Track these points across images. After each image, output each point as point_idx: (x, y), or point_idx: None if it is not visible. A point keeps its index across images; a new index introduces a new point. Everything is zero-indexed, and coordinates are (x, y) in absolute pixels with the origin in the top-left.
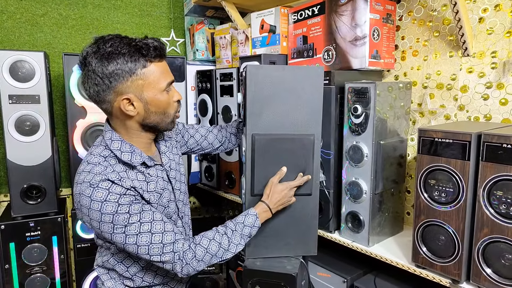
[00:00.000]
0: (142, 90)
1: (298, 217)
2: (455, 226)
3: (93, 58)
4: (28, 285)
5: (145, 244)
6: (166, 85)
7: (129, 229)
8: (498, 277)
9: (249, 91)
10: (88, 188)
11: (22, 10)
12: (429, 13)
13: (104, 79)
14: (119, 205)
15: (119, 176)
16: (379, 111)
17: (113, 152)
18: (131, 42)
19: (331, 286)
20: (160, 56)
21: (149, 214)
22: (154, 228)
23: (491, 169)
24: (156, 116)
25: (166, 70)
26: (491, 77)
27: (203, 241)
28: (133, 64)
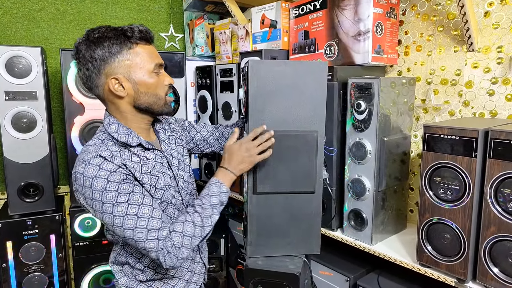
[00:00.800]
0: (130, 71)
1: (300, 216)
2: (461, 224)
3: (83, 45)
4: (26, 284)
5: (130, 228)
6: (154, 66)
7: (116, 209)
8: (506, 277)
9: (251, 86)
10: (81, 165)
11: (18, 5)
12: (433, 8)
13: (93, 63)
14: (108, 182)
15: (111, 153)
16: (383, 107)
17: (111, 134)
18: (117, 28)
19: (333, 284)
20: (145, 39)
21: (139, 196)
22: (141, 212)
23: (498, 166)
24: (146, 97)
25: (154, 53)
26: (497, 73)
27: (176, 226)
28: (119, 46)
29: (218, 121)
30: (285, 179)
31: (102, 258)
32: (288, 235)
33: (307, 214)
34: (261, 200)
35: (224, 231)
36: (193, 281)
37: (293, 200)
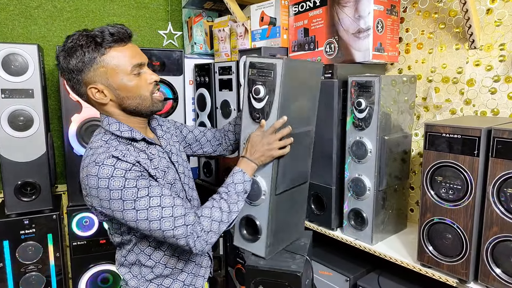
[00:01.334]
0: (107, 77)
1: (297, 205)
2: (463, 224)
3: (61, 56)
4: (23, 284)
5: (156, 219)
6: (132, 68)
7: (139, 204)
8: (508, 277)
9: (283, 86)
10: (94, 167)
11: (15, 2)
12: (435, 5)
13: (71, 74)
14: (126, 179)
15: (122, 153)
16: (383, 106)
17: (113, 133)
18: (89, 33)
19: (333, 284)
20: (120, 40)
21: (158, 189)
22: (164, 202)
23: (501, 166)
24: (130, 100)
25: (132, 53)
26: (499, 71)
27: (204, 211)
28: (91, 54)
29: (216, 119)
30: (294, 175)
31: (99, 257)
32: (289, 226)
33: (300, 202)
34: (279, 200)
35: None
36: (200, 275)
37: (294, 192)
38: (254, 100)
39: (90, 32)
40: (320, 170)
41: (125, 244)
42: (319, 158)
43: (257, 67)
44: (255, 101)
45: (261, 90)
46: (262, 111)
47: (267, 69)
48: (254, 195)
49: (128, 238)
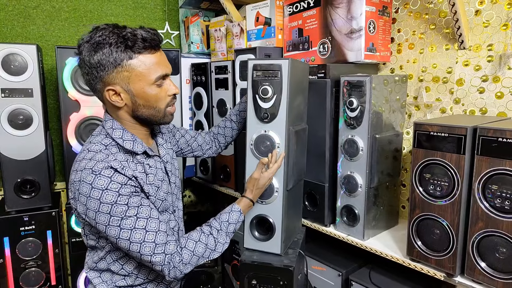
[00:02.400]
0: (129, 82)
1: (298, 200)
2: (450, 220)
3: (84, 46)
4: (23, 280)
5: (137, 241)
6: (156, 78)
7: (125, 222)
8: (493, 271)
9: (290, 85)
10: (90, 175)
11: (14, 2)
12: (426, 6)
13: (91, 69)
14: (120, 195)
15: (121, 164)
16: (375, 105)
17: (115, 140)
18: (121, 32)
19: (326, 279)
20: (151, 47)
21: (147, 210)
22: (149, 226)
23: (486, 163)
24: (145, 109)
25: (159, 62)
26: (487, 70)
27: (188, 243)
28: (118, 55)
29: (213, 118)
30: (298, 170)
31: None
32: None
33: (299, 198)
34: (289, 195)
35: None
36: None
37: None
38: (261, 100)
39: (122, 32)
40: (314, 168)
41: (98, 249)
42: (313, 156)
43: (262, 69)
44: (262, 101)
45: (269, 90)
46: (270, 110)
47: (273, 70)
48: (266, 194)
49: (103, 245)
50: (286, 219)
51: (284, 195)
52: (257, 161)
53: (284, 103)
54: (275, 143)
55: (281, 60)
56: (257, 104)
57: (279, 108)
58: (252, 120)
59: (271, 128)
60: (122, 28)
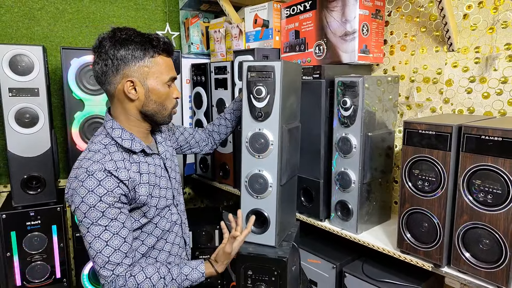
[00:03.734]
0: (146, 77)
1: (292, 195)
2: (437, 213)
3: (107, 41)
4: (29, 273)
5: (95, 249)
6: (169, 78)
7: (93, 228)
8: (476, 261)
9: (282, 85)
10: (84, 174)
11: (19, 4)
12: (417, 9)
13: (114, 61)
14: (100, 201)
15: (116, 165)
16: (368, 104)
17: (114, 139)
18: (144, 34)
19: (321, 272)
20: (167, 51)
21: (118, 225)
22: (112, 241)
23: (470, 159)
24: (154, 105)
25: (171, 66)
26: (475, 72)
27: (139, 275)
28: (142, 52)
29: (212, 117)
30: (292, 167)
31: None
32: (287, 216)
33: (293, 193)
34: (283, 190)
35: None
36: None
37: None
38: (256, 100)
39: (145, 34)
40: (309, 165)
41: None
42: (308, 153)
43: (256, 70)
44: (256, 101)
45: (263, 90)
46: (264, 109)
47: (266, 71)
48: (260, 189)
49: None
50: (280, 213)
51: (278, 190)
52: (252, 158)
53: (277, 102)
54: (269, 140)
55: (274, 61)
56: (251, 104)
57: (272, 107)
58: (247, 119)
59: (265, 127)
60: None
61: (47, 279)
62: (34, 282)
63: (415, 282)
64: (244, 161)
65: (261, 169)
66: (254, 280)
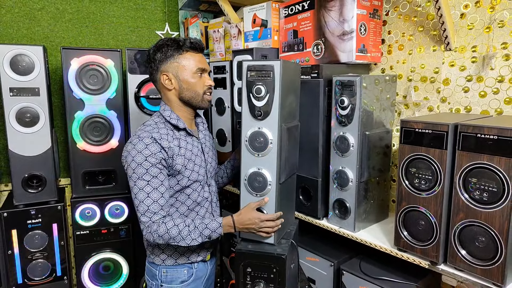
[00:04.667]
0: (178, 71)
1: (291, 193)
2: (433, 211)
3: (151, 50)
4: (30, 270)
5: (139, 199)
6: (197, 69)
7: (138, 182)
8: (472, 258)
9: (281, 84)
10: (136, 139)
11: (20, 4)
12: (414, 9)
13: (154, 63)
14: (146, 160)
15: (160, 136)
16: (366, 103)
17: (164, 117)
18: (175, 38)
19: (319, 269)
20: (195, 48)
21: (157, 182)
22: (152, 194)
23: (466, 158)
24: (188, 92)
25: (200, 60)
26: (472, 71)
27: (169, 222)
28: (172, 51)
29: (211, 116)
30: (290, 165)
31: (101, 246)
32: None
33: (292, 191)
34: (282, 188)
35: None
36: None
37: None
38: (255, 99)
39: (177, 38)
40: (307, 163)
41: None
42: (306, 152)
43: (255, 70)
44: (256, 100)
45: (262, 89)
46: (263, 108)
47: (266, 71)
48: (259, 187)
49: None
50: (278, 210)
51: (277, 188)
52: (251, 157)
53: (276, 101)
54: (269, 139)
55: (274, 61)
56: (251, 103)
57: (271, 106)
58: (246, 118)
59: (264, 125)
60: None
61: (47, 277)
62: (35, 280)
63: (412, 280)
64: (243, 160)
65: (260, 167)
66: (253, 277)
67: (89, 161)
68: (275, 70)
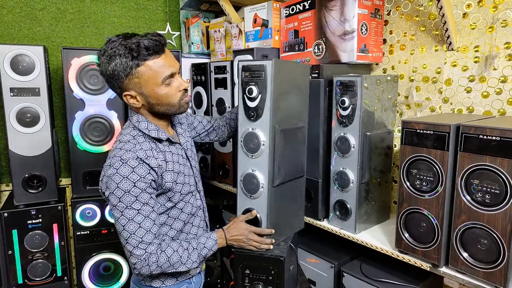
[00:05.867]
0: (140, 86)
1: (295, 197)
2: (435, 213)
3: (101, 58)
4: (30, 271)
5: (129, 231)
6: (163, 79)
7: (127, 211)
8: (474, 261)
9: (274, 84)
10: (118, 162)
11: (21, 4)
12: (416, 8)
13: (108, 78)
14: (134, 186)
15: (146, 154)
16: (367, 104)
17: (142, 131)
18: (127, 43)
19: (319, 271)
20: (155, 53)
21: (149, 209)
22: (144, 223)
23: (468, 159)
24: (159, 106)
25: (165, 64)
26: (474, 71)
27: (168, 250)
28: (127, 64)
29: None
30: (290, 168)
31: (102, 246)
32: (288, 218)
33: (299, 194)
34: (277, 192)
35: (218, 222)
36: None
37: (292, 185)
38: (248, 100)
39: (129, 43)
40: (308, 164)
41: None
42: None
43: (250, 70)
44: (249, 100)
45: (254, 90)
46: (255, 109)
47: (258, 71)
48: (253, 189)
49: None
50: (272, 214)
51: (269, 191)
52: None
53: (268, 102)
54: (261, 140)
55: (266, 61)
56: (245, 103)
57: (264, 107)
58: (241, 119)
59: (258, 126)
60: (129, 38)
61: (48, 277)
62: (35, 280)
63: (413, 282)
64: (239, 161)
65: (254, 169)
66: (252, 279)
67: (90, 161)
68: (267, 70)
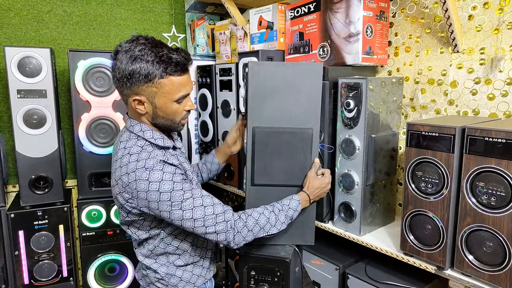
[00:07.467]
0: (155, 97)
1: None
2: (440, 215)
3: (122, 54)
4: (37, 271)
5: (200, 217)
6: (179, 97)
7: (185, 204)
8: (479, 263)
9: (250, 86)
10: (145, 172)
11: (28, 7)
12: (421, 10)
13: (124, 76)
14: (174, 182)
15: (166, 156)
16: (372, 106)
17: (148, 140)
18: (158, 52)
19: (324, 273)
20: (181, 71)
21: (198, 190)
22: (205, 202)
23: (473, 161)
24: (163, 120)
25: (185, 83)
26: (480, 73)
27: (254, 213)
28: (152, 72)
29: (217, 118)
30: (281, 173)
31: (107, 247)
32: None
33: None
34: (259, 192)
35: None
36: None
37: (289, 193)
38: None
39: (160, 52)
40: None
41: (151, 239)
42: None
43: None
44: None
45: (243, 91)
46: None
47: (247, 73)
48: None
49: (156, 232)
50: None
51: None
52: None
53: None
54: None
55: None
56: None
57: (246, 107)
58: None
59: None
60: (160, 47)
61: (54, 278)
62: (42, 280)
63: (418, 285)
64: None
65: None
66: (257, 281)
67: (96, 163)
68: (249, 72)
